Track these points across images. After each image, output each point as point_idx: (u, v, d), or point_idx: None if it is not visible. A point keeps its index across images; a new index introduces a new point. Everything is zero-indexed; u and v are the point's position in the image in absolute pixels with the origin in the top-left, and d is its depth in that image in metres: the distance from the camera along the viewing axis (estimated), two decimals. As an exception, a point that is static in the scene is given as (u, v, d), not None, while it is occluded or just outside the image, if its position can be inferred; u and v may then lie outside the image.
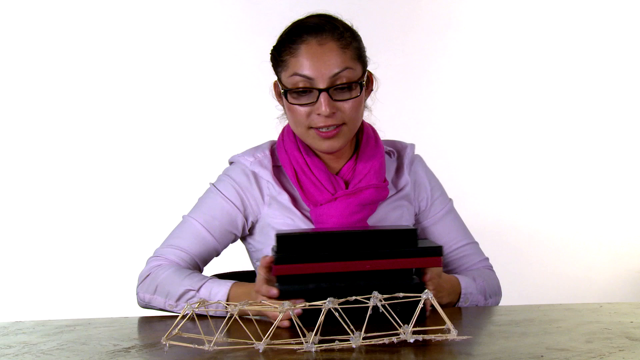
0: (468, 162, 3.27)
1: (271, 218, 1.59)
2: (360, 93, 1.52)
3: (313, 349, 1.09)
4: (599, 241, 3.35)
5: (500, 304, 1.62)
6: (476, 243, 1.70)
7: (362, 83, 1.52)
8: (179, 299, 1.48)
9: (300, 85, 1.49)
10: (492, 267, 1.69)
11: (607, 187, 3.35)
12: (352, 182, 1.57)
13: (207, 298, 1.44)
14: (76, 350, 1.19)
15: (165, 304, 1.51)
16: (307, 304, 1.12)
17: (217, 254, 1.64)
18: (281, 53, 1.53)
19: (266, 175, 1.60)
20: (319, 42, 1.49)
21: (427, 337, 1.14)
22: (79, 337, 1.30)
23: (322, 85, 1.48)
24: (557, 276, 3.27)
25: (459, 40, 3.33)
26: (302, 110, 1.50)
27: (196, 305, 1.15)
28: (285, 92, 1.52)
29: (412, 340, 1.12)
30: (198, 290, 1.46)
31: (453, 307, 1.50)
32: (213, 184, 1.65)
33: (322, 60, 1.48)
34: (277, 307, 1.12)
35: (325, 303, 1.11)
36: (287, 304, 1.11)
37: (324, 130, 1.51)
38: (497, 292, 1.63)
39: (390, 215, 1.60)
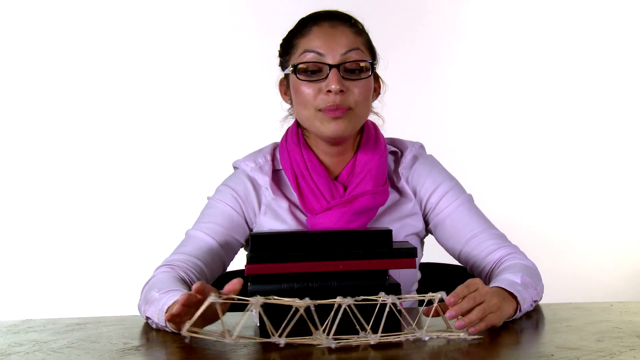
0: (475, 162, 3.26)
1: (265, 228, 1.57)
2: (370, 76, 1.50)
3: (333, 345, 1.09)
4: (608, 240, 3.34)
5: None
6: (496, 232, 1.55)
7: (374, 65, 1.52)
8: (147, 302, 1.35)
9: (311, 60, 1.48)
10: (516, 254, 1.50)
11: (617, 187, 3.34)
12: (349, 187, 1.53)
13: (165, 304, 1.29)
14: (86, 348, 1.19)
15: (141, 309, 1.38)
16: (319, 301, 1.11)
17: (224, 267, 1.58)
18: (292, 40, 1.54)
19: (265, 183, 1.58)
20: (331, 25, 1.50)
21: (441, 335, 1.14)
22: (89, 335, 1.30)
23: (332, 62, 1.47)
24: (567, 276, 3.26)
25: (466, 40, 3.32)
26: (310, 89, 1.48)
27: (220, 297, 1.12)
28: (294, 69, 1.49)
29: (426, 339, 1.12)
30: (165, 292, 1.32)
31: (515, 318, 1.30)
32: (212, 197, 1.61)
33: (333, 39, 1.48)
34: (294, 302, 1.11)
35: (339, 300, 1.11)
36: (307, 299, 1.11)
37: (331, 107, 1.47)
38: (536, 275, 1.44)
39: (388, 226, 1.53)
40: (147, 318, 1.35)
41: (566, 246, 3.32)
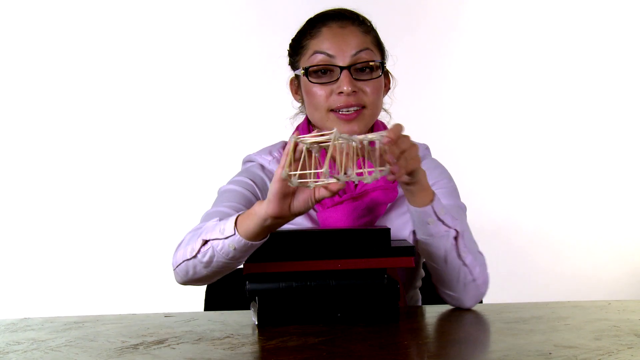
0: (474, 162, 3.25)
1: None
2: (380, 75, 1.52)
3: (340, 179, 1.10)
4: (606, 239, 3.34)
5: (507, 302, 1.60)
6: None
7: (384, 64, 1.54)
8: (204, 231, 1.32)
9: (321, 63, 1.49)
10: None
11: (614, 186, 3.34)
12: (360, 183, 1.53)
13: (222, 231, 1.28)
14: (84, 346, 1.20)
15: (187, 248, 1.33)
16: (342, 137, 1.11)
17: None
18: (301, 40, 1.55)
19: None
20: (340, 25, 1.52)
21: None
22: (87, 333, 1.30)
23: (342, 63, 1.49)
24: (565, 275, 3.26)
25: (467, 40, 3.32)
26: (322, 91, 1.50)
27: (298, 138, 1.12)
28: (305, 72, 1.51)
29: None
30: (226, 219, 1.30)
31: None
32: (226, 185, 1.57)
33: (343, 40, 1.50)
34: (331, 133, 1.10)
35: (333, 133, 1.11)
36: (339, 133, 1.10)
37: (344, 111, 1.49)
38: (480, 254, 1.45)
39: (395, 221, 1.54)
40: (204, 243, 1.30)
41: (566, 246, 3.32)
